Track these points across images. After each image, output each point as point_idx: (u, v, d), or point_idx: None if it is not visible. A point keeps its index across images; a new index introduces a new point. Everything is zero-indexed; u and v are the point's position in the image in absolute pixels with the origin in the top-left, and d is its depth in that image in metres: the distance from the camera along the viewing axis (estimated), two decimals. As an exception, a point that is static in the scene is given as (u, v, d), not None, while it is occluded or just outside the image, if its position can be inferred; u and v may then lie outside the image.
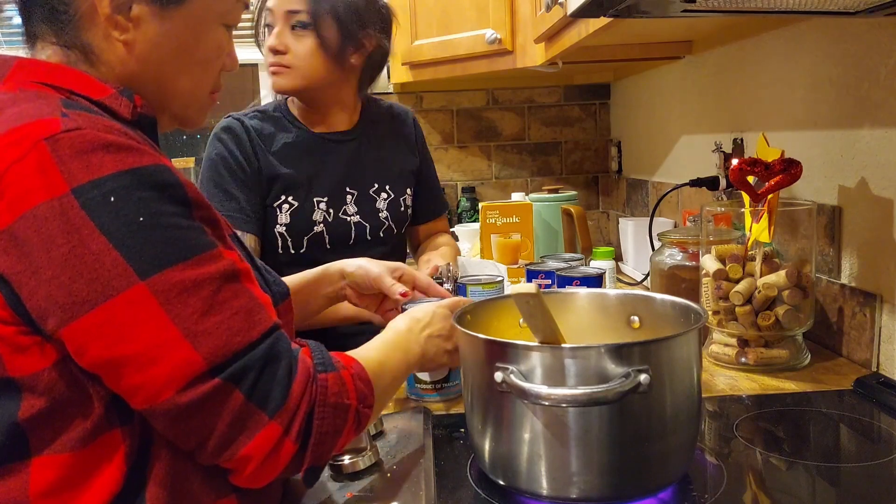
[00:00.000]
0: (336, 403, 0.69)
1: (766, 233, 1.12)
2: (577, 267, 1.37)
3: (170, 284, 0.61)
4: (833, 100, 1.21)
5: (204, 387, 0.62)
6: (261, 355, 0.65)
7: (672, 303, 0.89)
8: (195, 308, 0.62)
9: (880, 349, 1.11)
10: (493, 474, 0.80)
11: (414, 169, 1.60)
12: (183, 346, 0.61)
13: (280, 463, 0.66)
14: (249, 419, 0.64)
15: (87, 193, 0.59)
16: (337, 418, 0.69)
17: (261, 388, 0.64)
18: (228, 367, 0.63)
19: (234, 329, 0.64)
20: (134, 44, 0.73)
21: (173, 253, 0.62)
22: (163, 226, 0.62)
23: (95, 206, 0.60)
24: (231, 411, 0.63)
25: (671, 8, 1.06)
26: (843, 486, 0.83)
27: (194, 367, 0.61)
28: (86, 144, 0.61)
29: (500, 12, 1.96)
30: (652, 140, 2.20)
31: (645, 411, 0.73)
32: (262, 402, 0.64)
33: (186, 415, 0.62)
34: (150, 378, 0.61)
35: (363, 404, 0.72)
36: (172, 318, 0.61)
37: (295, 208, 1.43)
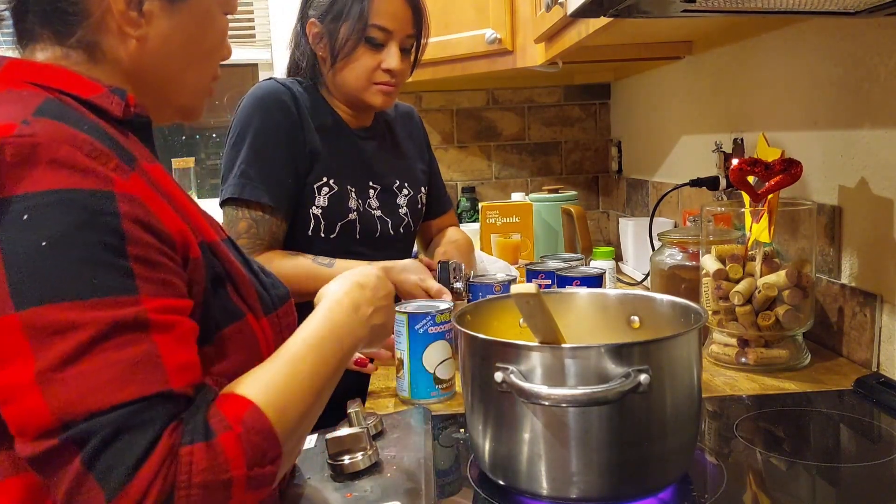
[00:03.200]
0: (205, 482, 0.56)
1: (766, 233, 1.12)
2: (577, 267, 1.37)
3: (45, 322, 0.55)
4: (833, 100, 1.21)
5: (46, 443, 0.54)
6: (116, 421, 0.55)
7: (672, 303, 0.89)
8: (60, 352, 0.55)
9: (880, 349, 1.11)
10: (493, 474, 0.80)
11: (426, 168, 1.62)
12: (33, 393, 0.54)
13: None
14: (88, 494, 0.54)
15: (7, 205, 0.56)
16: (209, 498, 0.57)
17: (104, 461, 0.54)
18: (77, 426, 0.54)
19: (97, 384, 0.55)
20: (145, 39, 0.72)
21: (64, 288, 0.56)
22: (67, 256, 0.56)
23: (7, 221, 0.56)
24: (69, 479, 0.54)
25: (671, 8, 1.06)
26: (843, 486, 0.83)
27: (40, 419, 0.54)
28: (30, 155, 0.57)
29: (500, 12, 1.96)
30: (652, 140, 2.20)
31: (645, 411, 0.73)
32: (101, 478, 0.54)
33: (36, 467, 0.56)
34: (8, 415, 0.56)
35: (261, 464, 0.60)
36: (34, 359, 0.55)
37: (334, 192, 1.41)
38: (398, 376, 1.10)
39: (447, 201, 1.71)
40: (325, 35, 1.40)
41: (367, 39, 1.38)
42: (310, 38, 1.43)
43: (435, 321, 1.07)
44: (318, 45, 1.42)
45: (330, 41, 1.40)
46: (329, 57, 1.41)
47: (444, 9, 2.10)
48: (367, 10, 1.36)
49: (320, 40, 1.42)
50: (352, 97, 1.43)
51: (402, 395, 1.10)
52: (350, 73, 1.40)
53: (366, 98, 1.42)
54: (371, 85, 1.40)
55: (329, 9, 1.39)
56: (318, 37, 1.42)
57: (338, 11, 1.38)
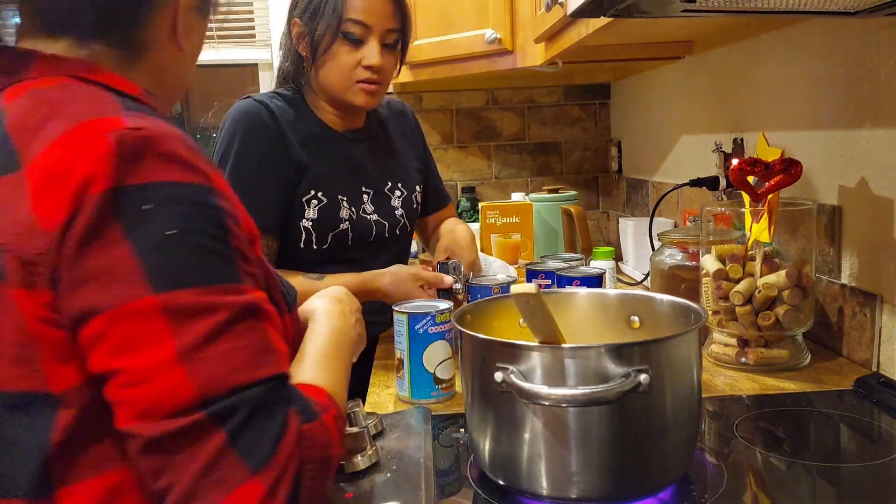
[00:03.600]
0: (322, 458, 0.61)
1: (766, 233, 1.12)
2: (577, 267, 1.37)
3: (183, 304, 0.57)
4: (833, 100, 1.21)
5: (187, 419, 0.56)
6: (256, 398, 0.58)
7: (672, 303, 0.89)
8: (200, 334, 0.57)
9: (880, 349, 1.11)
10: (493, 474, 0.80)
11: (421, 166, 1.60)
12: (177, 371, 0.57)
13: None
14: (228, 468, 0.56)
15: (128, 195, 0.58)
16: (323, 473, 0.61)
17: (248, 435, 0.57)
18: (219, 402, 0.57)
19: (236, 363, 0.58)
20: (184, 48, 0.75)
21: (194, 275, 0.59)
22: (191, 245, 0.59)
23: (131, 210, 0.58)
24: (208, 453, 0.56)
25: (671, 8, 1.06)
26: (843, 486, 0.83)
27: (182, 395, 0.56)
28: (143, 148, 0.59)
29: (500, 12, 1.96)
30: (652, 140, 2.20)
31: (645, 411, 0.73)
32: (246, 451, 0.57)
33: (163, 447, 0.57)
34: (137, 397, 0.57)
35: (343, 445, 0.67)
36: (175, 339, 0.57)
37: (323, 204, 1.40)
38: (398, 376, 1.10)
39: (445, 196, 1.69)
40: (305, 33, 1.38)
41: (343, 35, 1.35)
42: (293, 38, 1.41)
43: (435, 321, 1.07)
44: (301, 44, 1.40)
45: (310, 39, 1.38)
46: (310, 55, 1.39)
47: (444, 9, 2.10)
48: (342, 4, 1.33)
49: (302, 39, 1.39)
50: (335, 97, 1.41)
51: (402, 395, 1.10)
52: (330, 71, 1.38)
53: (348, 97, 1.39)
54: (353, 83, 1.37)
55: (307, 5, 1.37)
56: (300, 36, 1.39)
57: (315, 7, 1.36)
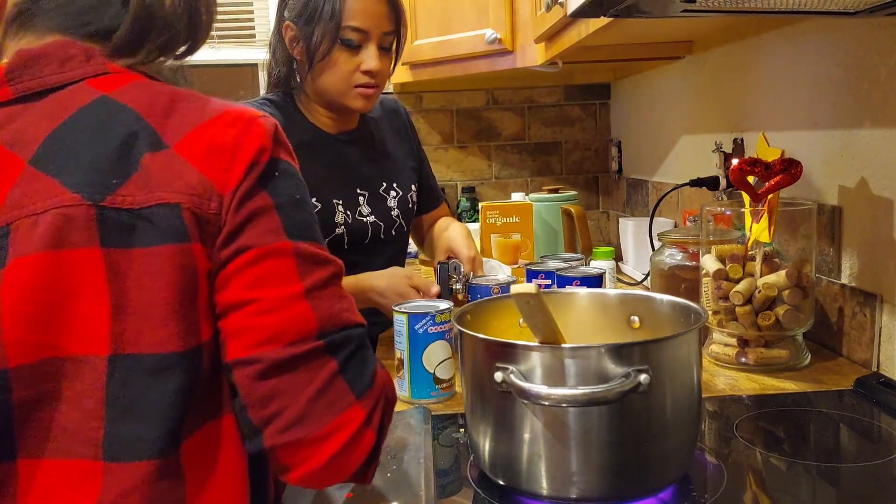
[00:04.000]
0: (394, 397, 0.71)
1: (766, 233, 1.12)
2: (577, 267, 1.37)
3: (308, 253, 0.67)
4: (833, 100, 1.21)
5: (308, 346, 0.64)
6: (360, 336, 0.68)
7: (672, 303, 0.89)
8: (320, 278, 0.67)
9: (880, 349, 1.11)
10: (493, 474, 0.80)
11: (415, 164, 1.60)
12: (303, 304, 0.65)
13: (359, 454, 0.66)
14: (337, 393, 0.65)
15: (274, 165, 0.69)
16: (391, 411, 0.70)
17: (354, 365, 0.66)
18: (333, 335, 0.66)
19: (345, 307, 0.68)
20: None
21: (312, 233, 0.69)
22: (305, 209, 0.70)
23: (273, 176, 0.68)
24: (322, 378, 0.64)
25: (671, 8, 1.06)
26: (843, 486, 0.83)
27: (307, 325, 0.65)
28: (278, 129, 0.72)
29: (500, 12, 1.96)
30: (652, 140, 2.20)
31: (645, 411, 0.73)
32: (352, 379, 0.66)
33: (283, 370, 0.64)
34: (267, 323, 0.64)
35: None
36: (303, 279, 0.66)
37: (318, 210, 1.38)
38: (398, 376, 1.10)
39: (439, 196, 1.69)
40: (300, 38, 1.36)
41: (342, 41, 1.33)
42: (286, 41, 1.39)
43: (435, 321, 1.07)
44: (295, 48, 1.38)
45: (306, 44, 1.36)
46: (306, 60, 1.37)
47: (444, 9, 2.10)
48: (340, 10, 1.32)
49: (297, 43, 1.38)
50: (332, 102, 1.40)
51: (402, 395, 1.10)
52: (328, 77, 1.36)
53: (346, 102, 1.38)
54: (351, 88, 1.37)
55: (302, 10, 1.35)
56: (294, 40, 1.38)
57: (311, 12, 1.34)
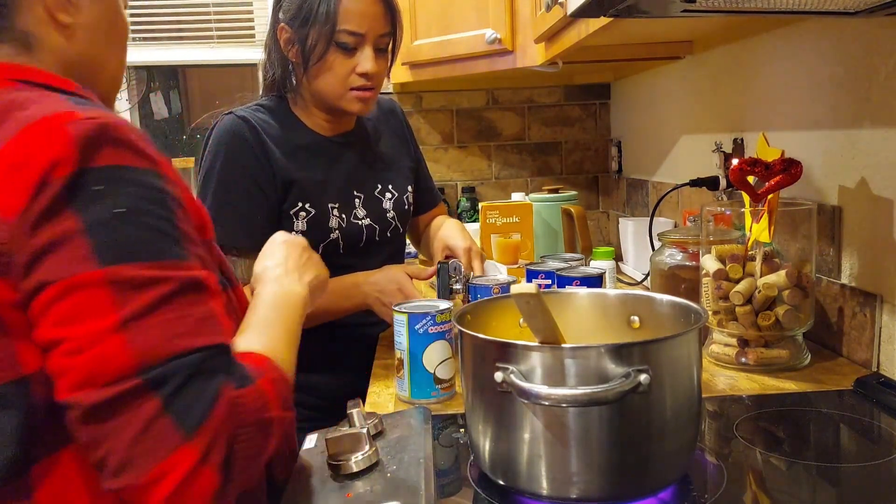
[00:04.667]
0: (256, 421, 0.63)
1: (766, 233, 1.12)
2: (577, 267, 1.37)
3: (127, 277, 0.60)
4: (833, 100, 1.21)
5: (124, 385, 0.58)
6: (192, 365, 0.60)
7: (672, 303, 0.89)
8: (143, 304, 0.60)
9: (880, 349, 1.11)
10: (493, 474, 0.80)
11: (412, 165, 1.59)
12: (116, 339, 0.58)
13: (199, 496, 0.59)
14: (161, 434, 0.58)
15: (85, 177, 0.61)
16: (259, 437, 0.63)
17: (181, 401, 0.59)
18: (155, 369, 0.59)
19: (175, 332, 0.60)
20: (74, 28, 0.74)
21: (140, 250, 0.62)
22: (138, 223, 0.62)
23: (84, 191, 0.61)
24: (143, 419, 0.58)
25: (671, 8, 1.06)
26: (843, 486, 0.83)
27: (120, 362, 0.58)
28: (99, 134, 0.63)
29: (500, 12, 1.96)
30: (652, 140, 2.20)
31: (645, 411, 0.73)
32: (179, 416, 0.59)
33: (100, 415, 0.58)
34: (77, 365, 0.58)
35: (285, 408, 0.68)
36: (117, 309, 0.59)
37: (312, 216, 1.38)
38: (398, 376, 1.10)
39: (436, 195, 1.69)
40: (295, 41, 1.35)
41: (337, 44, 1.32)
42: (281, 43, 1.37)
43: (435, 321, 1.07)
44: (290, 50, 1.37)
45: (301, 47, 1.34)
46: (301, 63, 1.36)
47: (444, 9, 2.10)
48: (335, 12, 1.30)
49: (292, 46, 1.36)
50: (329, 104, 1.39)
51: (402, 395, 1.10)
52: (324, 80, 1.35)
53: (343, 105, 1.37)
54: (347, 91, 1.35)
55: (297, 12, 1.33)
56: (290, 42, 1.36)
57: (306, 15, 1.32)
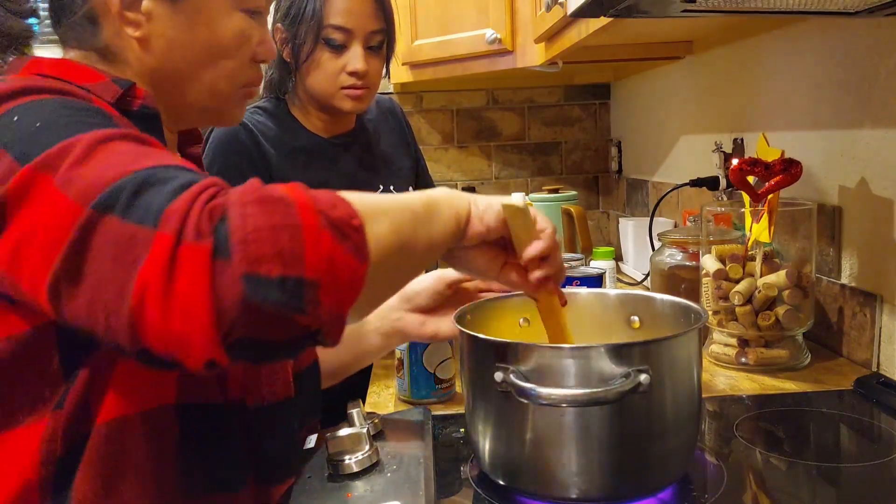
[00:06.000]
0: (262, 197, 0.51)
1: (766, 233, 1.12)
2: (577, 267, 1.37)
3: (53, 154, 0.55)
4: (833, 100, 1.21)
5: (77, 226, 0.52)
6: (139, 177, 0.52)
7: (672, 303, 0.89)
8: (72, 159, 0.55)
9: (880, 349, 1.11)
10: (493, 474, 0.80)
11: (413, 165, 1.59)
12: (57, 199, 0.53)
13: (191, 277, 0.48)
14: (132, 241, 0.50)
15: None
16: (270, 211, 0.50)
17: (139, 205, 0.51)
18: (101, 195, 0.52)
19: (114, 163, 0.54)
20: (149, 39, 0.72)
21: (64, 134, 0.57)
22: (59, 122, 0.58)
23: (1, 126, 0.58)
24: (111, 241, 0.51)
25: (671, 8, 1.06)
26: (843, 486, 0.83)
27: (71, 212, 0.52)
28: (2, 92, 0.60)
29: (500, 12, 1.96)
30: (652, 140, 2.20)
31: (645, 411, 0.73)
32: (141, 216, 0.50)
33: (74, 269, 0.52)
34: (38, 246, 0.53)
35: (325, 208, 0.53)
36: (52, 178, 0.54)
37: None
38: (398, 376, 1.10)
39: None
40: (287, 39, 1.35)
41: (325, 41, 1.31)
42: (278, 43, 1.37)
43: (435, 321, 1.07)
44: (284, 50, 1.36)
45: (291, 45, 1.34)
46: (293, 62, 1.36)
47: (444, 9, 2.10)
48: (321, 9, 1.29)
49: (285, 45, 1.36)
50: (322, 103, 1.38)
51: (402, 395, 1.10)
52: (314, 78, 1.34)
53: (335, 104, 1.36)
54: (338, 90, 1.34)
55: (287, 11, 1.33)
56: (283, 42, 1.36)
57: (295, 12, 1.32)
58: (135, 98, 0.71)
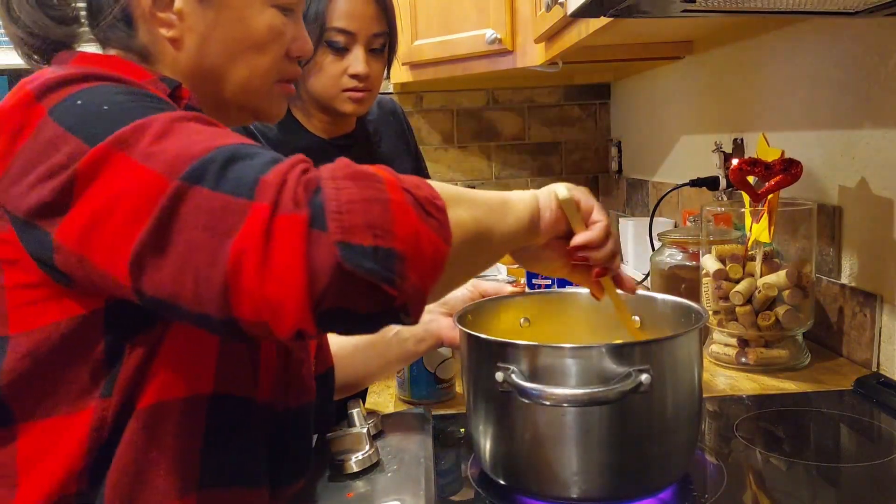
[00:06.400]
0: (354, 173, 0.53)
1: (766, 233, 1.12)
2: (577, 267, 1.37)
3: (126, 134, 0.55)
4: (833, 100, 1.21)
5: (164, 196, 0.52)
6: (226, 151, 0.54)
7: (672, 303, 0.89)
8: (151, 135, 0.55)
9: (880, 349, 1.11)
10: (493, 474, 0.80)
11: (413, 166, 1.59)
12: (140, 171, 0.53)
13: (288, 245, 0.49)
14: (225, 210, 0.51)
15: (59, 107, 0.59)
16: (361, 186, 0.52)
17: (230, 177, 0.52)
18: (189, 167, 0.52)
19: (192, 140, 0.55)
20: (182, 39, 0.72)
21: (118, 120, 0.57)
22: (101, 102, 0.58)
23: (62, 111, 0.58)
24: (203, 211, 0.51)
25: (671, 8, 1.06)
26: (843, 486, 0.83)
27: (157, 184, 0.52)
28: (62, 78, 0.60)
29: (500, 12, 1.96)
30: (652, 140, 2.20)
31: (646, 411, 0.73)
32: (233, 188, 0.51)
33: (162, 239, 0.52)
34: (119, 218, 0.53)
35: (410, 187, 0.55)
36: (129, 154, 0.54)
37: None
38: (398, 376, 1.10)
39: None
40: None
41: (327, 43, 1.30)
42: None
43: (435, 321, 1.07)
44: None
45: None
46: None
47: (444, 9, 2.10)
48: (324, 11, 1.28)
49: None
50: (324, 105, 1.38)
51: (402, 395, 1.10)
52: (316, 81, 1.34)
53: (337, 106, 1.36)
54: (340, 92, 1.34)
55: None
56: None
57: None
58: (181, 98, 0.71)
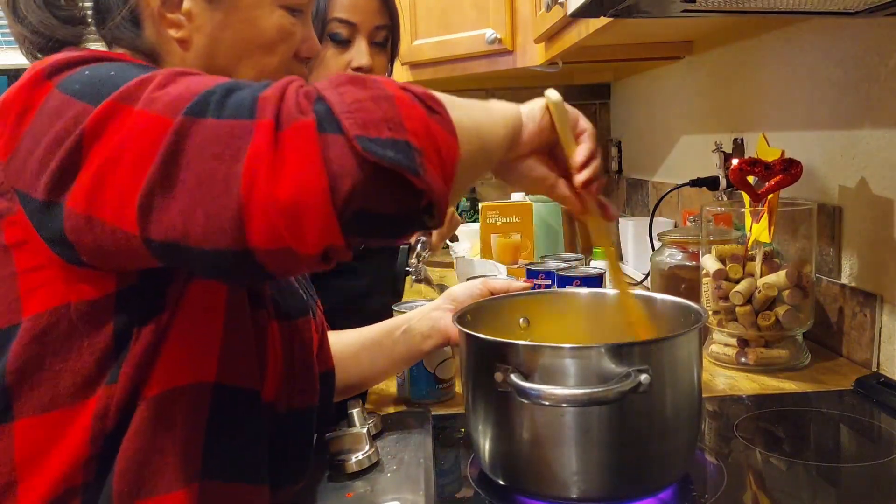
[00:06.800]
0: (352, 77, 0.53)
1: (766, 233, 1.12)
2: (577, 267, 1.37)
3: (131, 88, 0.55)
4: (833, 100, 1.21)
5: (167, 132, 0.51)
6: (225, 85, 0.54)
7: (672, 303, 0.89)
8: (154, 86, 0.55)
9: (880, 349, 1.11)
10: (493, 474, 0.80)
11: None
12: (142, 117, 0.53)
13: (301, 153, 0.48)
14: (231, 135, 0.50)
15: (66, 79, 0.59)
16: (363, 87, 0.52)
17: (230, 104, 0.52)
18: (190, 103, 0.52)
19: (194, 82, 0.55)
20: (190, 40, 0.72)
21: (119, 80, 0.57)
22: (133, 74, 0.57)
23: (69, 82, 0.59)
24: (209, 140, 0.51)
25: (671, 8, 1.06)
26: (843, 486, 0.83)
27: (160, 123, 0.52)
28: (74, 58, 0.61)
29: (500, 12, 1.96)
30: (652, 140, 2.20)
31: (645, 411, 0.73)
32: (235, 112, 0.51)
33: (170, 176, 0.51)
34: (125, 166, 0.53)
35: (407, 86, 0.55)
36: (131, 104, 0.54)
37: None
38: (398, 376, 1.10)
39: None
40: None
41: (329, 35, 1.29)
42: None
43: (435, 321, 1.07)
44: None
45: None
46: None
47: (444, 9, 2.10)
48: (325, 3, 1.27)
49: None
50: None
51: (402, 395, 1.10)
52: (320, 74, 1.31)
53: None
54: None
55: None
56: None
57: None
58: None
